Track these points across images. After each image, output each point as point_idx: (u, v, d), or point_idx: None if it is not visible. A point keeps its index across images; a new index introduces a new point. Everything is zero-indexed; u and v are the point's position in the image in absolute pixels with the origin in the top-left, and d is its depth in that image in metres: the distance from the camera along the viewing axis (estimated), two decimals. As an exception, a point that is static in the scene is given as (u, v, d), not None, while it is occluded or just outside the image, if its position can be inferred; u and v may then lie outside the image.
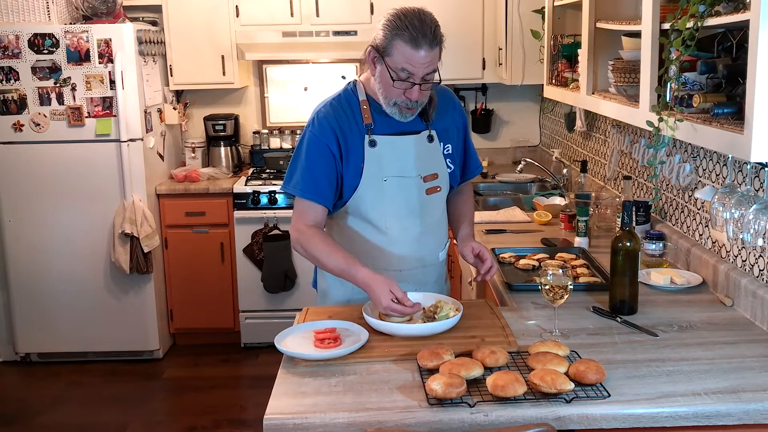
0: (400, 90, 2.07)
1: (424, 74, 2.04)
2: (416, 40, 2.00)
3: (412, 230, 2.25)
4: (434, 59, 2.05)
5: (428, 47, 2.01)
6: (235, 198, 4.41)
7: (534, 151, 5.02)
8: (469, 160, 2.41)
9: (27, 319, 4.36)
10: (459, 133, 2.35)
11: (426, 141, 2.24)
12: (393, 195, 2.20)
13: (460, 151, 2.36)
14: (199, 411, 3.85)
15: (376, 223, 2.22)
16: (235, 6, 4.51)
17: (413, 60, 2.01)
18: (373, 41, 2.09)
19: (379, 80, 2.10)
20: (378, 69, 2.09)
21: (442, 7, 4.42)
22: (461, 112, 2.38)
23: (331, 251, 2.12)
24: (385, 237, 2.24)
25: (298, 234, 2.17)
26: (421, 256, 2.30)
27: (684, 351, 1.89)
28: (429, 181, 2.24)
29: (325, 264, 2.15)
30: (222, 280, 4.52)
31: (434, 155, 2.26)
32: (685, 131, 1.98)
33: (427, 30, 2.01)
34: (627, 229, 2.11)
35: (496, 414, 1.58)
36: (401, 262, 2.26)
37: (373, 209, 2.21)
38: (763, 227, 1.88)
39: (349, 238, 2.26)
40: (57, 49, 4.09)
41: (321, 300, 2.40)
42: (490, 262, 2.22)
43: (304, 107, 4.99)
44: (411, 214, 2.24)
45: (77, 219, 4.26)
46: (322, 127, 2.16)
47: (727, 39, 2.07)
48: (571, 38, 3.29)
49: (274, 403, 1.65)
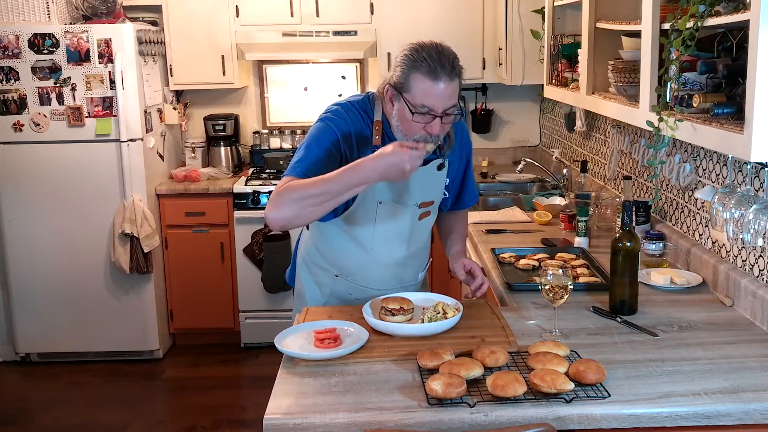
0: (421, 125, 1.96)
1: (444, 108, 1.96)
2: (435, 71, 1.92)
3: (397, 253, 2.23)
4: (454, 92, 1.96)
5: (448, 79, 1.93)
6: (235, 198, 4.41)
7: (534, 151, 5.02)
8: (466, 189, 2.37)
9: (27, 319, 4.36)
10: (461, 163, 2.31)
11: (435, 169, 2.17)
12: (384, 219, 2.16)
13: (459, 180, 2.33)
14: (199, 411, 3.85)
15: (363, 243, 2.20)
16: (235, 6, 4.51)
17: (433, 92, 1.93)
18: (390, 79, 2.02)
19: (398, 118, 2.01)
20: (396, 107, 2.00)
21: (442, 8, 4.43)
22: (468, 142, 2.34)
23: (318, 178, 1.88)
24: (369, 256, 2.21)
25: (275, 195, 1.90)
26: (401, 278, 2.29)
27: (684, 351, 1.89)
28: (423, 207, 2.21)
29: (322, 190, 1.86)
30: (222, 280, 4.52)
31: (437, 183, 2.22)
32: (685, 131, 1.98)
33: (446, 61, 1.94)
34: (627, 229, 2.11)
35: (496, 414, 1.58)
36: (381, 282, 2.25)
37: (362, 230, 2.18)
38: (763, 227, 1.88)
39: (333, 249, 2.24)
40: (57, 49, 4.09)
41: (297, 301, 2.37)
42: (480, 279, 2.19)
43: (304, 107, 4.99)
44: (399, 239, 2.21)
45: (77, 219, 4.26)
46: (336, 120, 2.07)
47: (727, 39, 2.07)
48: (571, 38, 3.29)
49: (274, 403, 1.65)
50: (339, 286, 2.28)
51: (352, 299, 2.27)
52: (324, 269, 2.29)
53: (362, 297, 2.22)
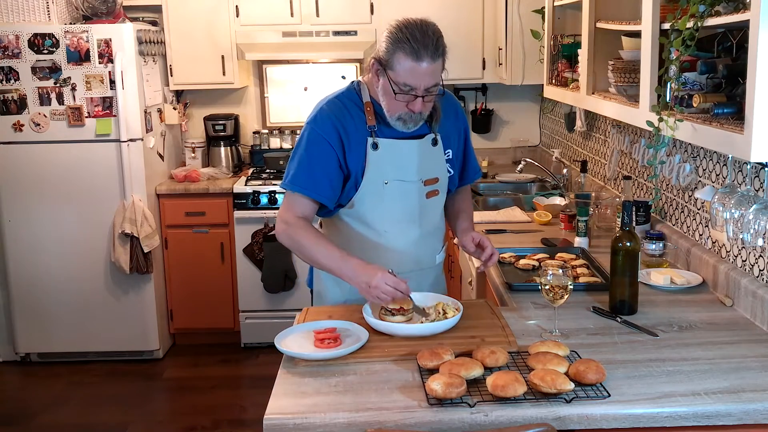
0: (403, 103, 2.05)
1: (426, 86, 2.02)
2: (417, 52, 1.97)
3: (410, 233, 2.25)
4: (436, 71, 2.02)
5: (430, 59, 1.98)
6: (235, 198, 4.41)
7: (534, 151, 5.02)
8: (468, 164, 2.40)
9: (27, 319, 4.36)
10: (460, 137, 2.34)
11: (430, 144, 2.23)
12: (393, 199, 2.19)
13: (459, 155, 2.36)
14: (199, 411, 3.85)
15: (374, 226, 2.22)
16: (235, 6, 4.51)
17: (415, 72, 1.99)
18: (376, 53, 2.08)
19: (382, 93, 2.08)
20: (381, 81, 2.07)
21: (442, 8, 4.43)
22: (463, 117, 2.37)
23: (318, 242, 2.09)
24: (383, 240, 2.23)
25: (285, 225, 2.13)
26: (418, 259, 2.30)
27: (684, 351, 1.89)
28: (429, 184, 2.24)
29: (312, 255, 2.10)
30: (222, 280, 4.52)
31: (437, 159, 2.25)
32: (685, 131, 1.98)
33: (429, 42, 1.98)
34: (627, 229, 2.11)
35: (496, 414, 1.58)
36: (398, 264, 2.24)
37: (372, 212, 2.20)
38: (763, 227, 1.88)
39: (346, 239, 2.25)
40: (57, 49, 4.09)
41: (317, 301, 2.39)
42: (490, 249, 2.20)
43: (304, 107, 4.99)
44: (410, 218, 2.23)
45: (77, 219, 4.26)
46: (323, 123, 2.14)
47: (727, 39, 2.07)
48: (571, 38, 3.29)
49: (274, 403, 1.65)
50: None
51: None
52: None
53: None
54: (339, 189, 2.17)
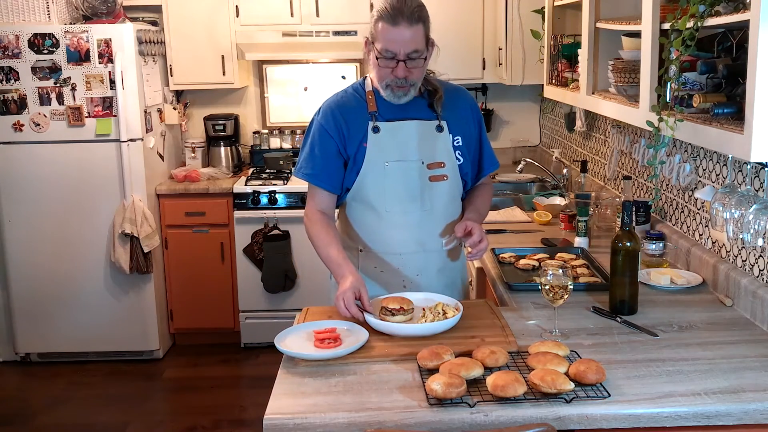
0: (387, 69, 2.14)
1: (406, 52, 2.10)
2: (394, 17, 2.07)
3: (412, 214, 2.27)
4: (415, 36, 2.10)
5: (407, 24, 2.07)
6: (235, 198, 4.41)
7: (534, 151, 5.02)
8: (483, 155, 2.42)
9: (27, 319, 4.36)
10: (473, 128, 2.38)
11: (434, 130, 2.28)
12: (394, 179, 2.24)
13: (473, 145, 2.38)
14: (199, 411, 3.85)
15: (377, 207, 2.27)
16: (235, 6, 4.51)
17: (392, 37, 2.08)
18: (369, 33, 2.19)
19: (372, 66, 2.19)
20: (371, 56, 2.19)
21: (442, 8, 4.42)
22: (476, 110, 2.42)
23: (326, 242, 2.20)
24: (385, 220, 2.28)
25: (305, 219, 2.30)
26: (421, 240, 2.30)
27: (684, 351, 1.89)
28: (433, 168, 2.27)
29: (319, 253, 2.23)
30: (222, 280, 4.52)
31: (442, 144, 2.29)
32: (685, 131, 1.98)
33: (405, 8, 2.07)
34: (627, 229, 2.11)
35: (496, 414, 1.58)
36: (401, 245, 2.29)
37: (375, 192, 2.26)
38: (763, 227, 1.88)
39: (351, 221, 2.32)
40: (57, 49, 4.09)
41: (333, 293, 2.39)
42: (479, 236, 2.18)
43: (304, 107, 4.99)
44: (411, 198, 2.26)
45: (77, 219, 4.26)
46: (325, 115, 2.27)
47: (727, 39, 2.07)
48: (571, 38, 3.30)
49: (274, 403, 1.65)
50: (366, 262, 2.32)
51: (380, 274, 2.31)
52: (349, 248, 2.33)
53: (389, 270, 2.29)
54: (340, 174, 2.27)
